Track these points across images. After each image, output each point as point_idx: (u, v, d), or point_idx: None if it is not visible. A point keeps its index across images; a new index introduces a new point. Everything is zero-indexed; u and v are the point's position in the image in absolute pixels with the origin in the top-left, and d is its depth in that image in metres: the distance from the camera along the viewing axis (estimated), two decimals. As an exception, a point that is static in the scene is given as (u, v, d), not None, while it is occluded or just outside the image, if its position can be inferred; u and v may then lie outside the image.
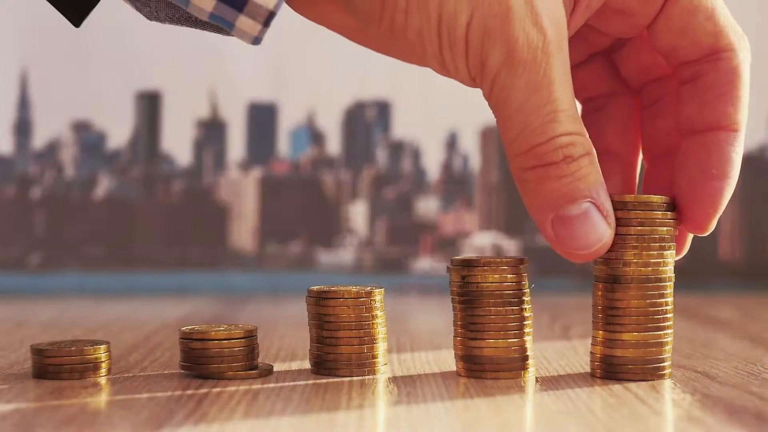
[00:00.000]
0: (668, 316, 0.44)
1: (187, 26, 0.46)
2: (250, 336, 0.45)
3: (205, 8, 0.39)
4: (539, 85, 0.40)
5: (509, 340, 0.44)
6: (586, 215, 0.41)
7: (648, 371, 0.43)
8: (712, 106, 0.44)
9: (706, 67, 0.44)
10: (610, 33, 0.46)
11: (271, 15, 0.39)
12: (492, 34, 0.40)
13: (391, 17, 0.40)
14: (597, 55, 0.48)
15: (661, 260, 0.43)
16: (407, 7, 0.40)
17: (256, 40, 0.40)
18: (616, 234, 0.43)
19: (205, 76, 0.97)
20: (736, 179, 0.44)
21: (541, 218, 0.41)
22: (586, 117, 0.48)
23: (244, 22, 0.39)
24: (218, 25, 0.40)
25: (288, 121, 0.98)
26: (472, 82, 0.41)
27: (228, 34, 0.42)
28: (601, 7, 0.43)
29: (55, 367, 0.44)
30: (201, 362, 0.44)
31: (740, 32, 0.44)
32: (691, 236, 0.46)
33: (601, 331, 0.44)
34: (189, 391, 0.42)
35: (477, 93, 0.42)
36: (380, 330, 0.46)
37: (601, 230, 0.41)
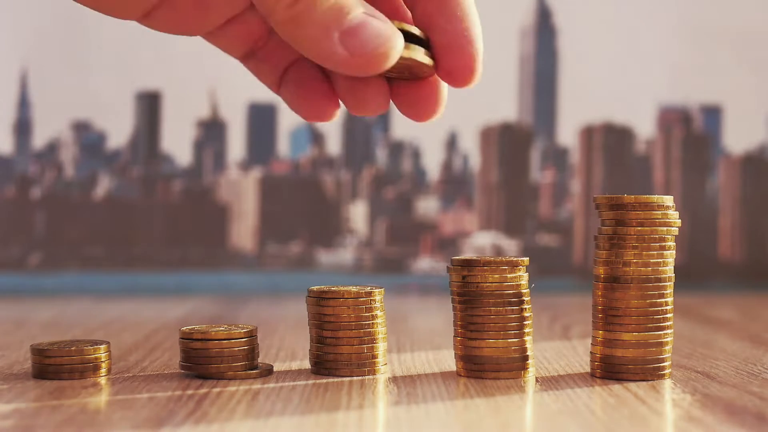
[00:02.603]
0: (668, 316, 0.44)
1: None
2: (250, 336, 0.45)
3: None
4: None
5: (509, 340, 0.44)
6: (367, 21, 0.40)
7: (648, 371, 0.43)
8: None
9: None
10: None
11: None
12: None
13: None
14: None
15: (661, 260, 0.43)
16: None
17: None
18: (616, 234, 0.43)
19: (205, 76, 0.97)
20: (478, 20, 0.44)
21: (327, 44, 0.40)
22: None
23: None
24: None
25: (288, 121, 0.98)
26: None
27: None
28: None
29: (55, 367, 0.44)
30: (201, 362, 0.44)
31: None
32: (446, 89, 0.46)
33: (601, 331, 0.44)
34: (189, 391, 0.42)
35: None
36: (380, 330, 0.46)
37: (387, 28, 0.41)
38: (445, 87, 0.46)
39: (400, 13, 0.47)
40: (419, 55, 0.43)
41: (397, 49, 0.41)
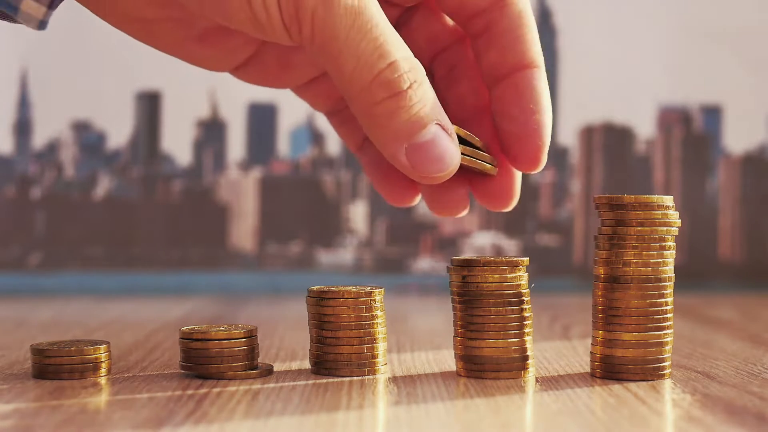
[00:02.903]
0: (668, 316, 0.44)
1: None
2: (250, 336, 0.45)
3: None
4: (359, 10, 0.40)
5: (509, 340, 0.44)
6: (436, 139, 0.41)
7: (648, 371, 0.43)
8: (511, 50, 0.46)
9: (495, 16, 0.46)
10: (400, 1, 0.47)
11: None
12: None
13: None
14: None
15: (661, 260, 0.43)
16: None
17: (42, 24, 0.39)
18: (616, 234, 0.43)
19: (205, 76, 0.96)
20: (551, 110, 0.46)
21: (394, 150, 0.41)
22: None
23: (28, 4, 0.38)
24: (2, 9, 0.39)
25: (288, 121, 0.98)
26: (287, 33, 0.40)
27: (13, 21, 0.41)
28: None
29: (55, 367, 0.44)
30: (201, 362, 0.44)
31: None
32: (519, 180, 0.47)
33: (601, 331, 0.44)
34: (189, 391, 0.42)
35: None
36: (380, 330, 0.46)
37: (451, 149, 0.42)
38: (518, 180, 0.48)
39: (479, 93, 0.48)
40: (478, 163, 0.45)
41: (454, 169, 0.42)
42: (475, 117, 0.48)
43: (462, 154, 0.43)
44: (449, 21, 0.49)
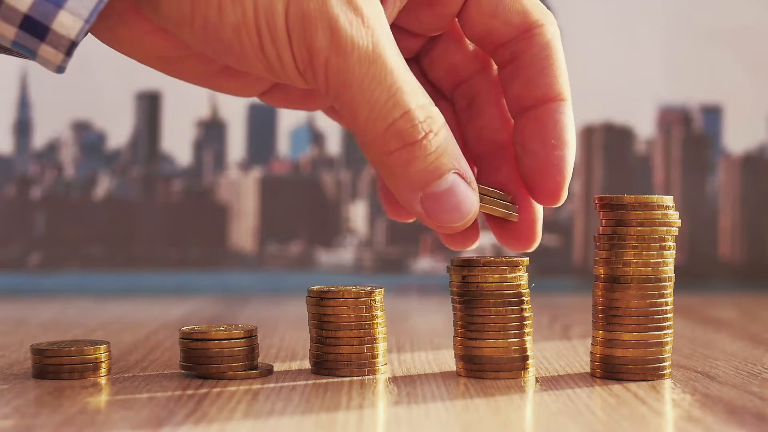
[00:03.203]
0: (668, 316, 0.44)
1: None
2: (250, 336, 0.45)
3: (7, 36, 0.38)
4: (372, 58, 0.39)
5: (509, 340, 0.44)
6: (453, 188, 0.41)
7: (648, 371, 0.43)
8: (536, 81, 0.45)
9: (522, 46, 0.45)
10: (421, 30, 0.47)
11: (73, 45, 0.38)
12: (312, 18, 0.38)
13: (203, 17, 0.39)
14: (407, 62, 0.49)
15: (661, 260, 0.43)
16: (220, 3, 0.38)
17: (60, 69, 0.39)
18: (616, 234, 0.43)
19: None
20: (575, 145, 0.45)
21: (410, 199, 0.41)
22: None
23: (46, 50, 0.38)
24: (21, 52, 0.39)
25: (288, 121, 0.98)
26: (302, 78, 0.40)
27: (31, 59, 0.41)
28: (410, 0, 0.44)
29: (55, 367, 0.44)
30: (201, 362, 0.44)
31: (545, 8, 0.46)
32: (541, 221, 0.47)
33: (601, 331, 0.44)
34: (189, 391, 0.42)
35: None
36: (380, 330, 0.46)
37: (470, 199, 0.41)
38: (539, 222, 0.47)
39: (502, 126, 0.47)
40: (498, 212, 0.45)
41: (471, 219, 0.42)
42: (497, 150, 0.47)
43: (482, 203, 0.43)
44: (472, 50, 0.48)
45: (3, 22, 0.37)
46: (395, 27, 0.45)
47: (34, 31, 0.38)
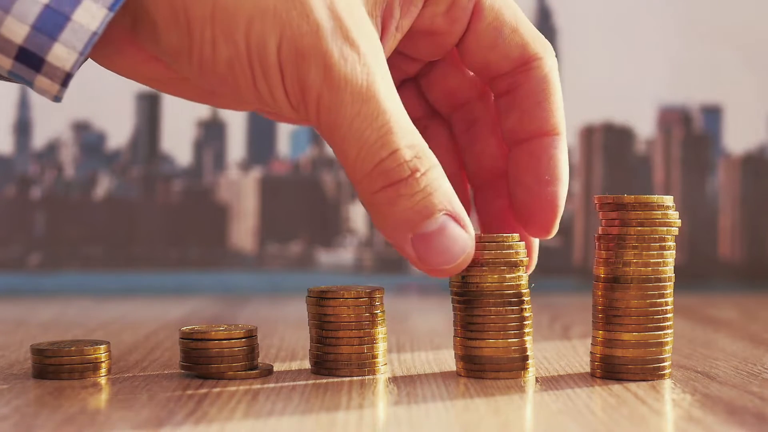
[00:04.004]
0: (668, 316, 0.44)
1: None
2: (250, 336, 0.45)
3: (3, 66, 0.38)
4: (365, 97, 0.38)
5: (509, 340, 0.44)
6: (444, 229, 0.40)
7: (648, 371, 0.43)
8: (532, 115, 0.45)
9: (519, 78, 0.45)
10: (419, 56, 0.46)
11: (68, 76, 0.38)
12: (305, 54, 0.38)
13: (199, 51, 0.38)
14: (405, 82, 0.49)
15: (661, 260, 0.43)
16: (213, 38, 0.38)
17: (56, 99, 0.39)
18: (616, 234, 0.43)
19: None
20: (568, 180, 0.46)
21: (399, 240, 0.40)
22: None
23: (42, 81, 0.38)
24: (18, 81, 0.39)
25: (288, 121, 0.98)
26: (295, 113, 0.40)
27: (31, 88, 0.41)
28: (409, 29, 0.44)
29: (55, 367, 0.44)
30: (201, 362, 0.44)
31: (545, 41, 0.46)
32: (537, 246, 0.47)
33: (601, 331, 0.44)
34: (189, 391, 0.42)
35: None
36: (380, 330, 0.46)
37: (462, 241, 0.40)
38: (536, 248, 0.47)
39: (499, 154, 0.47)
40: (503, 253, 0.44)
41: (465, 261, 0.41)
42: (497, 177, 0.47)
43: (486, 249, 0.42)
44: (471, 75, 0.47)
45: None
46: (395, 52, 0.45)
47: (30, 63, 0.38)
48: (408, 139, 0.39)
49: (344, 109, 0.38)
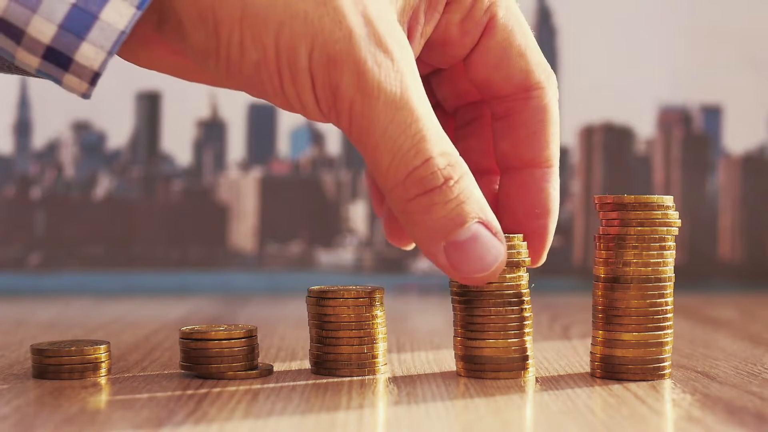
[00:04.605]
0: (668, 316, 0.44)
1: (18, 74, 0.44)
2: (250, 336, 0.45)
3: (31, 64, 0.38)
4: (399, 105, 0.38)
5: (509, 340, 0.44)
6: (477, 236, 0.40)
7: (648, 371, 0.43)
8: (526, 144, 0.45)
9: (518, 105, 0.45)
10: (430, 63, 0.47)
11: (96, 75, 0.38)
12: (338, 61, 0.37)
13: (226, 52, 0.38)
14: None
15: (661, 260, 0.43)
16: (242, 41, 0.38)
17: (85, 96, 0.39)
18: (616, 234, 0.43)
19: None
20: (557, 212, 0.46)
21: (432, 248, 0.40)
22: None
23: (70, 79, 0.38)
24: (47, 78, 0.39)
25: (288, 121, 0.98)
26: (324, 118, 0.39)
27: (59, 85, 0.41)
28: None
29: (55, 367, 0.44)
30: (201, 362, 0.44)
31: (549, 70, 0.45)
32: (550, 242, 0.47)
33: (601, 331, 0.44)
34: (189, 391, 0.42)
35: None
36: (380, 330, 0.46)
37: (495, 248, 0.40)
38: (548, 240, 0.47)
39: (488, 155, 0.47)
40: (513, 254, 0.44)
41: (499, 269, 0.41)
42: (481, 174, 0.47)
43: None
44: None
45: (26, 52, 0.37)
46: None
47: (58, 62, 0.37)
48: (441, 146, 0.39)
49: (377, 117, 0.38)
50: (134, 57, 0.41)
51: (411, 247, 0.51)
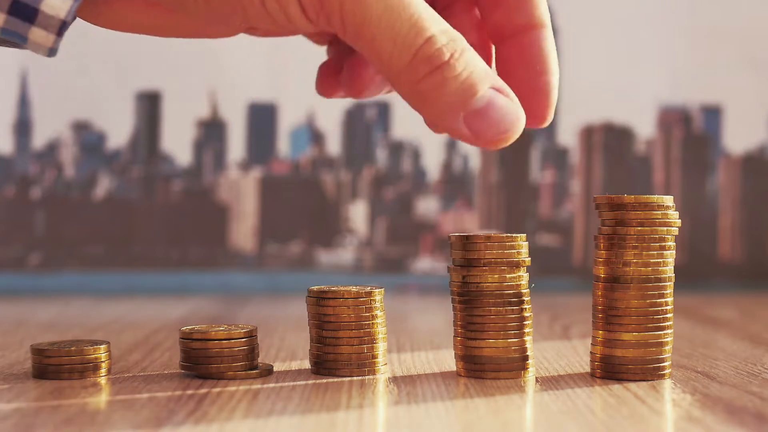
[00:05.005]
0: (668, 316, 0.44)
1: None
2: (250, 336, 0.45)
3: None
4: None
5: (509, 340, 0.44)
6: (493, 102, 0.40)
7: (648, 371, 0.43)
8: (517, 9, 0.45)
9: None
10: None
11: (64, 24, 0.38)
12: None
13: None
14: None
15: (661, 260, 0.43)
16: None
17: (51, 51, 0.39)
18: (616, 234, 0.43)
19: (205, 76, 0.97)
20: (558, 70, 0.45)
21: (452, 122, 0.40)
22: None
23: (36, 33, 0.38)
24: (11, 39, 0.39)
25: (288, 121, 0.98)
26: (311, 25, 0.40)
27: (21, 47, 0.41)
28: None
29: (55, 367, 0.44)
30: (201, 362, 0.44)
31: None
32: (555, 95, 0.47)
33: (601, 331, 0.44)
34: (189, 391, 0.42)
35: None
36: (380, 330, 0.46)
37: (512, 109, 0.41)
38: (553, 96, 0.46)
39: (487, 49, 0.47)
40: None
41: (520, 128, 0.41)
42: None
43: None
44: None
45: None
46: None
47: (23, 15, 0.37)
48: (438, 24, 0.40)
49: (369, 8, 0.38)
50: (98, 17, 0.41)
51: (341, 96, 0.50)
